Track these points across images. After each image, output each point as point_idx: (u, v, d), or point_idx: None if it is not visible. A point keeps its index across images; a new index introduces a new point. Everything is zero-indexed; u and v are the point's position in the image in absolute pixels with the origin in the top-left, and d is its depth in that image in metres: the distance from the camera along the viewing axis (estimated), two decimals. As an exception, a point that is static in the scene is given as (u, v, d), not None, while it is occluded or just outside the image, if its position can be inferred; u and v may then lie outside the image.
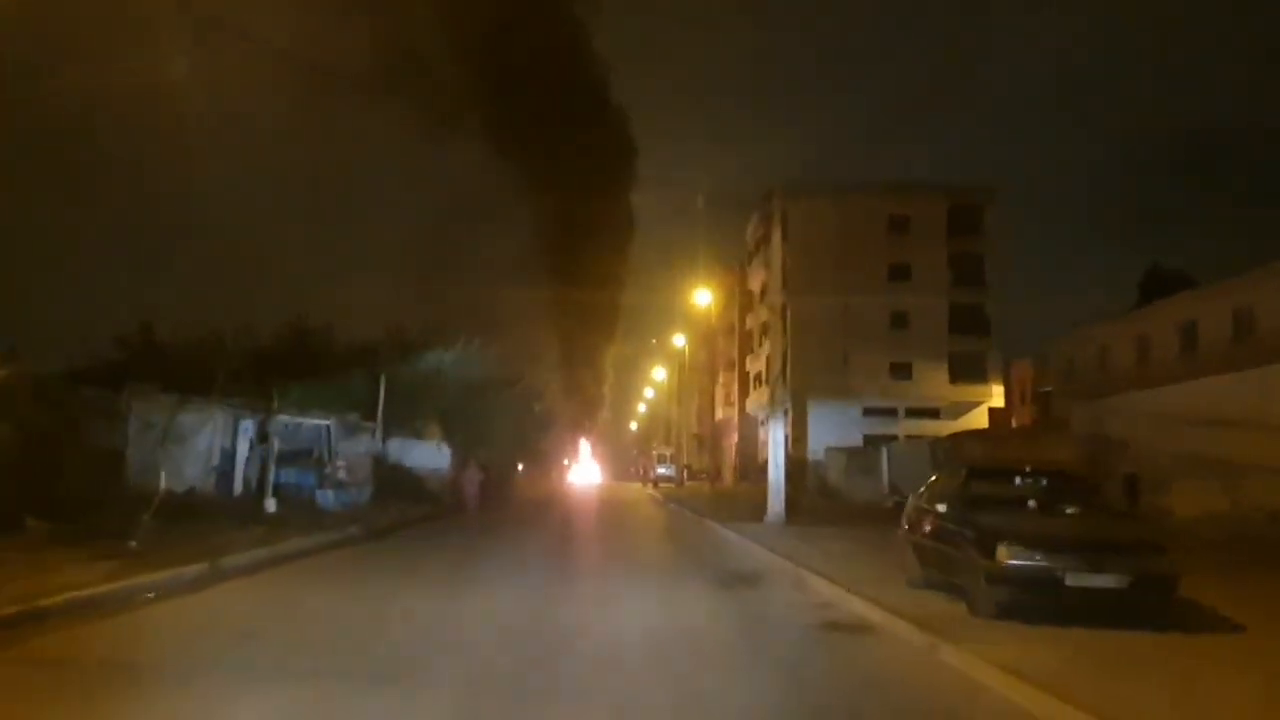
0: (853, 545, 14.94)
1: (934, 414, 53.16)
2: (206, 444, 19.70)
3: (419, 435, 27.72)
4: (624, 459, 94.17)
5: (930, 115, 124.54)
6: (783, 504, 19.21)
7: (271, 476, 18.24)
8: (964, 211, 54.38)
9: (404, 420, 27.12)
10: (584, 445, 76.51)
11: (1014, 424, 54.73)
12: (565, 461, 77.35)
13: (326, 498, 20.09)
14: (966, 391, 54.06)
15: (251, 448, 19.75)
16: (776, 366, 18.95)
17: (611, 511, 29.27)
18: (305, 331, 28.19)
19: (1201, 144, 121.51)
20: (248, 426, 20.03)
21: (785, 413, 19.53)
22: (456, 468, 28.07)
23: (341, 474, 21.78)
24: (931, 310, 53.57)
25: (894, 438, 45.94)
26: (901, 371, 54.19)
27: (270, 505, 17.41)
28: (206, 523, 14.90)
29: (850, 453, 39.77)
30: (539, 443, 52.16)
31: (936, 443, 28.83)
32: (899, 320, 54.07)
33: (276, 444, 18.81)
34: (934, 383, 54.11)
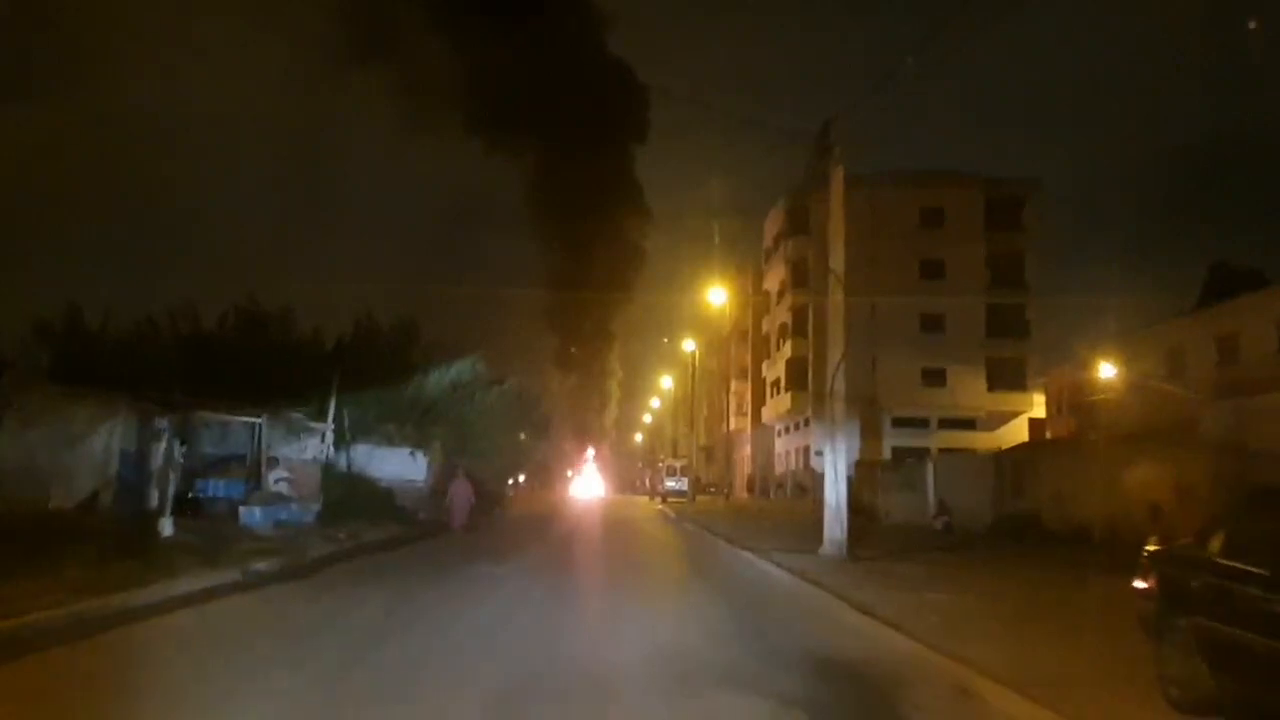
0: (969, 597, 10.42)
1: (970, 424, 48.87)
2: (102, 446, 15.56)
3: (390, 440, 23.26)
4: (629, 471, 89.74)
5: (938, 115, 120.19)
6: (844, 532, 14.75)
7: (172, 489, 13.85)
8: (1003, 204, 49.95)
9: (372, 423, 22.76)
10: (587, 456, 72.19)
11: (1048, 435, 50.15)
12: (568, 473, 73.30)
13: (253, 516, 15.66)
14: (1005, 400, 49.70)
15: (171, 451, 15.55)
16: (835, 359, 14.61)
17: (619, 535, 24.65)
18: (257, 317, 23.88)
19: (1222, 145, 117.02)
20: (165, 426, 15.81)
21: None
22: (439, 480, 23.63)
23: (282, 486, 17.44)
24: (967, 311, 49.12)
25: (925, 450, 41.53)
26: (934, 378, 49.79)
27: (166, 528, 13.02)
28: (67, 553, 10.64)
29: (885, 466, 35.35)
30: (538, 452, 47.85)
31: (1003, 455, 24.36)
32: (931, 323, 49.65)
33: (180, 447, 14.47)
34: (970, 391, 49.61)
